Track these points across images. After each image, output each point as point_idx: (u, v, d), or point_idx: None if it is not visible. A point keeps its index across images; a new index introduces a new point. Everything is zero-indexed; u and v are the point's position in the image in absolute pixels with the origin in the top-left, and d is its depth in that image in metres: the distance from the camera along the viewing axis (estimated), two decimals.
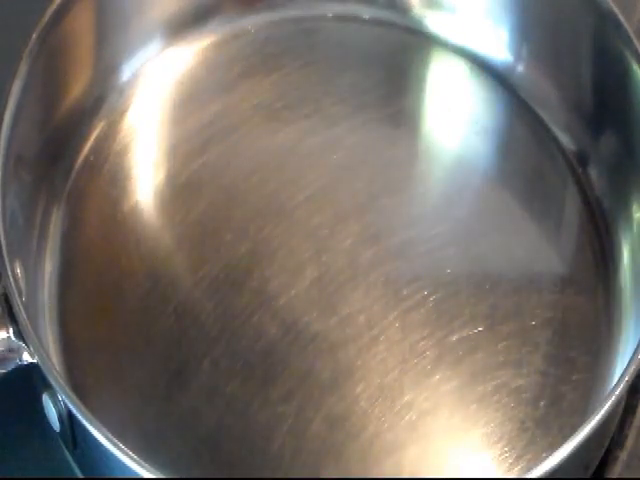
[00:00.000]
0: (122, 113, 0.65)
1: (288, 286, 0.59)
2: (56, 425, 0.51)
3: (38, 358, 0.49)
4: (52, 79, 0.61)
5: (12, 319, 0.50)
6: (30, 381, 0.53)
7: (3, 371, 0.51)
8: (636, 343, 0.51)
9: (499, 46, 0.67)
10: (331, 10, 0.69)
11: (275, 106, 0.65)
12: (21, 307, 0.50)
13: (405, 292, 0.59)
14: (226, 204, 0.61)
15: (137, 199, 0.62)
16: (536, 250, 0.61)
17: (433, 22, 0.69)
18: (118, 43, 0.65)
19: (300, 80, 0.66)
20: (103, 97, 0.64)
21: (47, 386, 0.50)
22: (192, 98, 0.65)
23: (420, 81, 0.68)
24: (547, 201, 0.63)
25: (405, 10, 0.69)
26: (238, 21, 0.68)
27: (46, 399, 0.51)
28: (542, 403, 0.56)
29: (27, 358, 0.50)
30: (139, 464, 0.46)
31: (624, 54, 0.59)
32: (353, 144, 0.64)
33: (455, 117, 0.66)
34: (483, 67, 0.67)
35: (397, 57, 0.68)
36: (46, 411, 0.51)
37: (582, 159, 0.64)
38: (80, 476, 0.56)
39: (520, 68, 0.67)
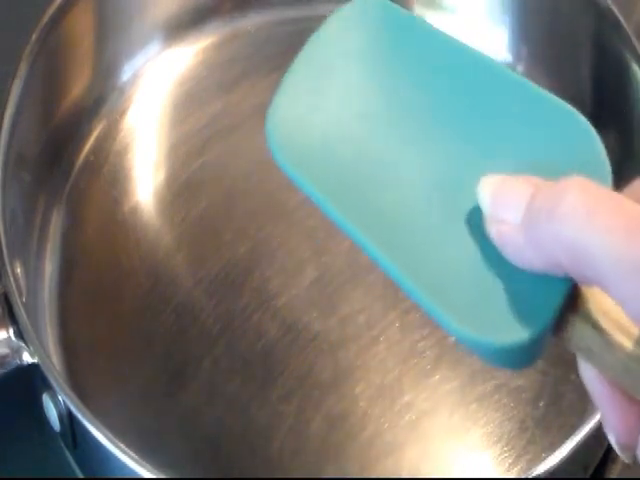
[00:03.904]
0: (122, 113, 0.65)
1: (288, 286, 0.59)
2: (56, 425, 0.51)
3: (38, 358, 0.49)
4: (52, 79, 0.61)
5: (12, 319, 0.50)
6: (30, 381, 0.53)
7: (3, 371, 0.51)
8: None
9: (499, 46, 0.67)
10: (331, 10, 0.69)
11: None
12: (21, 307, 0.50)
13: None
14: (226, 204, 0.61)
15: (137, 199, 0.62)
16: None
17: (433, 22, 0.68)
18: (118, 43, 0.65)
19: None
20: (103, 97, 0.64)
21: (47, 386, 0.50)
22: (192, 98, 0.65)
23: None
24: None
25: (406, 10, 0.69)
26: (238, 21, 0.68)
27: (46, 399, 0.51)
28: (542, 403, 0.56)
29: (27, 358, 0.50)
30: (139, 464, 0.46)
31: (623, 54, 0.59)
32: None
33: None
34: None
35: None
36: (46, 411, 0.51)
37: None
38: (80, 476, 0.56)
39: (520, 68, 0.67)
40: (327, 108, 0.37)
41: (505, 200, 0.33)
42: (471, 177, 0.34)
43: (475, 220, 0.34)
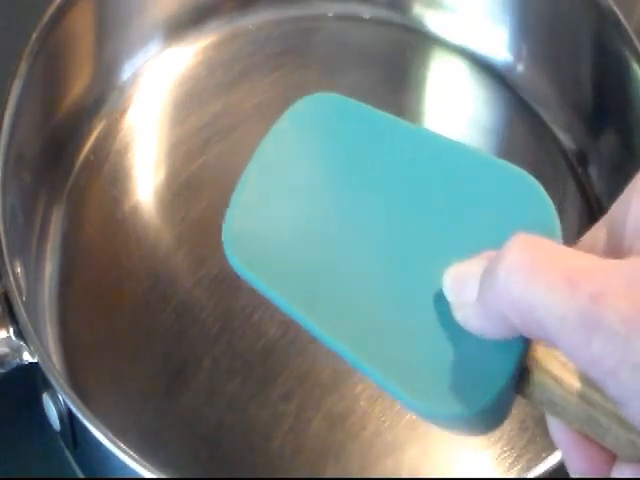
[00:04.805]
0: (122, 112, 0.65)
1: None
2: (56, 425, 0.51)
3: (38, 358, 0.49)
4: (52, 79, 0.61)
5: (12, 319, 0.50)
6: (30, 381, 0.53)
7: (3, 371, 0.51)
8: None
9: (499, 46, 0.67)
10: (331, 9, 0.69)
11: (275, 106, 0.65)
12: (21, 307, 0.50)
13: None
14: (226, 204, 0.61)
15: (137, 198, 0.62)
16: None
17: (433, 22, 0.69)
18: (118, 43, 0.65)
19: (300, 79, 0.66)
20: (103, 97, 0.64)
21: (47, 386, 0.50)
22: (192, 98, 0.65)
23: (420, 81, 0.68)
24: None
25: (405, 10, 0.69)
26: (238, 21, 0.68)
27: (46, 399, 0.51)
28: None
29: (27, 358, 0.50)
30: (139, 463, 0.46)
31: (624, 54, 0.59)
32: None
33: (455, 117, 0.66)
34: (483, 67, 0.67)
35: (397, 57, 0.68)
36: (46, 411, 0.51)
37: (582, 159, 0.64)
38: (80, 476, 0.56)
39: (520, 68, 0.67)
40: (282, 210, 0.38)
41: (463, 286, 0.33)
42: (432, 259, 0.35)
43: (428, 301, 0.34)
